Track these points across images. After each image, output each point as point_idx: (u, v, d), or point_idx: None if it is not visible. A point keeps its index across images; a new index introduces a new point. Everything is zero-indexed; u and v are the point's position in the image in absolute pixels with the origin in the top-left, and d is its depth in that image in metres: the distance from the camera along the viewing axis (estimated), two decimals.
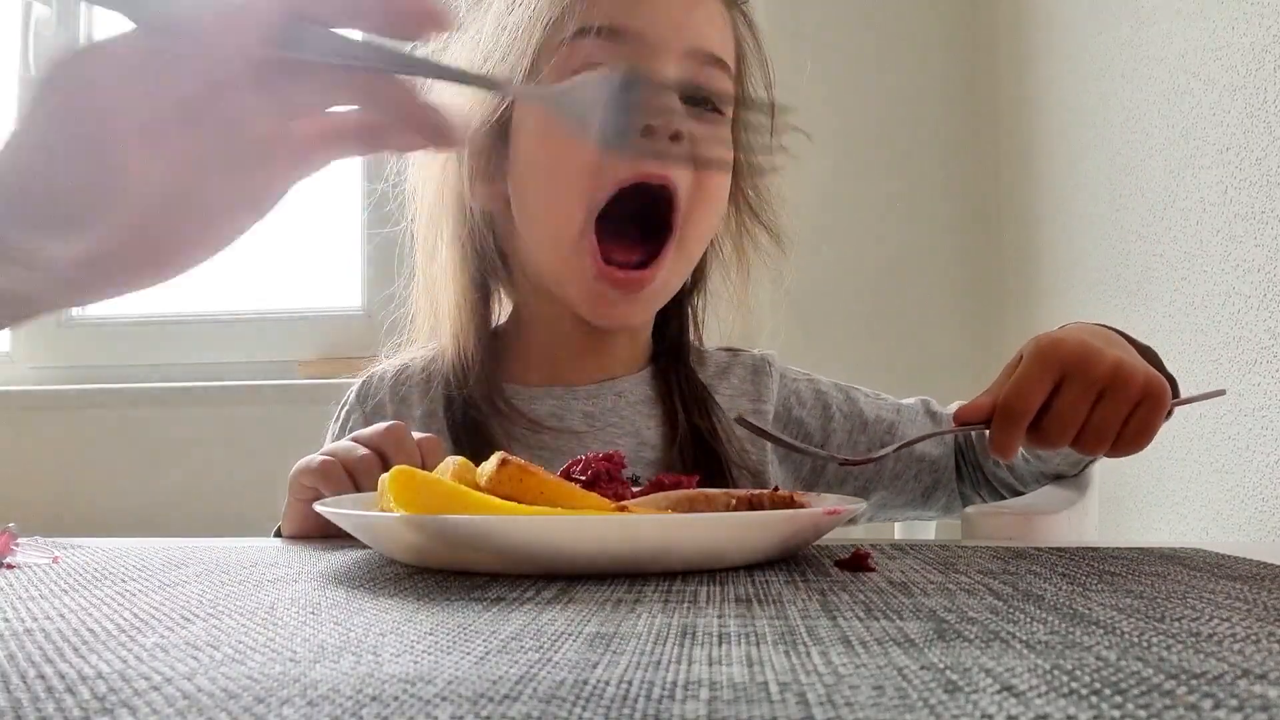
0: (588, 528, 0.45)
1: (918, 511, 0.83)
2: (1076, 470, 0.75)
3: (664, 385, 0.79)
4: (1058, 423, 0.58)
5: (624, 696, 0.24)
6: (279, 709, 0.23)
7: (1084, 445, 0.59)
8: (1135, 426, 0.58)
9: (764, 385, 0.81)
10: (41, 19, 1.65)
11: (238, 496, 1.45)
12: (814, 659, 0.28)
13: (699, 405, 0.78)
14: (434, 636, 0.32)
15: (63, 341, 1.63)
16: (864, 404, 0.82)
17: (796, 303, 0.86)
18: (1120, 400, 0.58)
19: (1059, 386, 0.58)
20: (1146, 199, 1.04)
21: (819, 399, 0.82)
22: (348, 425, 0.81)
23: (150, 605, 0.39)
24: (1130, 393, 0.58)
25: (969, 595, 0.39)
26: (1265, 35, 0.83)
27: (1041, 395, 0.58)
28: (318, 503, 0.53)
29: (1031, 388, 0.58)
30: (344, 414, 0.83)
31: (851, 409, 0.81)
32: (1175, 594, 0.39)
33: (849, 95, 1.47)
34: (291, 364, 1.57)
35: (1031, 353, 0.59)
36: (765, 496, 0.56)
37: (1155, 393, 0.58)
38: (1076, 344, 0.59)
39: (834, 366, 0.89)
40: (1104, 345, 0.60)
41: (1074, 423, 0.58)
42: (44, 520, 0.83)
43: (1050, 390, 0.58)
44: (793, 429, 0.80)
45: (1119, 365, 0.58)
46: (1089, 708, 0.23)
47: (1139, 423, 0.58)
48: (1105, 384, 0.58)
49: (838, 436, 0.80)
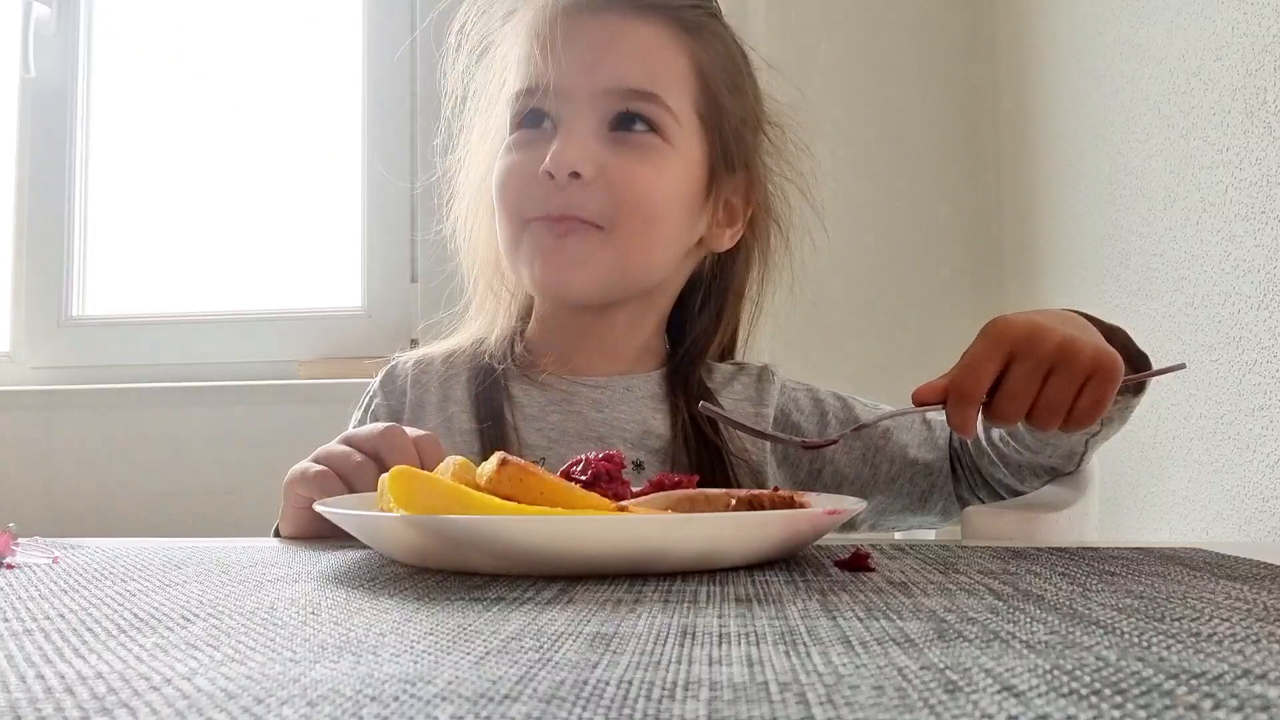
0: (588, 528, 0.45)
1: (918, 518, 0.84)
2: (1073, 465, 0.75)
3: (671, 385, 0.83)
4: (1008, 399, 0.60)
5: (624, 696, 0.24)
6: (279, 709, 0.23)
7: (1036, 421, 0.61)
8: (1086, 401, 0.60)
9: (766, 391, 0.84)
10: (41, 19, 1.65)
11: (238, 496, 1.45)
12: (814, 659, 0.28)
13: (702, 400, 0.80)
14: (434, 636, 0.32)
15: (63, 341, 1.63)
16: (859, 410, 0.84)
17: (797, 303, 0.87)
18: (1069, 375, 0.60)
19: (1010, 365, 0.60)
20: (1146, 199, 1.04)
21: (816, 405, 0.85)
22: (370, 410, 0.86)
23: (150, 605, 0.39)
24: (1078, 367, 0.60)
25: (969, 595, 0.39)
26: (1265, 35, 0.83)
27: (992, 373, 0.60)
28: (318, 503, 0.53)
29: (981, 366, 0.60)
30: (367, 400, 0.87)
31: (847, 415, 0.84)
32: (1175, 594, 0.39)
33: (848, 96, 1.47)
34: (291, 364, 1.57)
35: (982, 333, 0.62)
36: (765, 496, 0.56)
37: (1105, 366, 0.60)
38: (1025, 323, 0.61)
39: (834, 365, 0.90)
40: (1055, 324, 0.61)
41: (1024, 398, 0.60)
42: (44, 520, 0.83)
43: (1001, 368, 0.60)
44: (790, 432, 0.83)
45: (1066, 341, 0.60)
46: (1089, 708, 0.23)
47: (1089, 397, 0.60)
48: (1053, 360, 0.60)
49: None
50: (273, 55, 1.71)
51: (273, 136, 1.69)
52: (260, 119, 1.70)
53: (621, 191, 0.76)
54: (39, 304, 1.64)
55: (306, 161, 1.69)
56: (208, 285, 1.69)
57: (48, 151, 1.66)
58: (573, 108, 0.76)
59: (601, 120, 0.76)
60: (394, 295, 1.58)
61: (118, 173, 1.70)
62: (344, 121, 1.65)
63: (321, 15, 1.71)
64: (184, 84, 1.72)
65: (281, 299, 1.64)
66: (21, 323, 1.64)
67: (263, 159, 1.69)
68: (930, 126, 1.48)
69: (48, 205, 1.65)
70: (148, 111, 1.72)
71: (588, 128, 0.76)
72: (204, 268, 1.69)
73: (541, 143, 0.76)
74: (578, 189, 0.75)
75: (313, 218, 1.68)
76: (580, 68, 0.76)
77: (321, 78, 1.69)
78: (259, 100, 1.70)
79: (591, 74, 0.76)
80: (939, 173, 1.47)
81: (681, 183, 0.79)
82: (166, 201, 1.71)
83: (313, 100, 1.70)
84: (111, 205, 1.70)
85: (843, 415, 0.84)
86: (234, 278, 1.68)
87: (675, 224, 0.80)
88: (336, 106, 1.66)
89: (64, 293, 1.65)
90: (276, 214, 1.69)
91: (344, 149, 1.65)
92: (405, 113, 1.60)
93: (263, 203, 1.69)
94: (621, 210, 0.76)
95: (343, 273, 1.63)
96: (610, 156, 0.76)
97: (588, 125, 0.76)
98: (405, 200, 1.58)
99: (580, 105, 0.76)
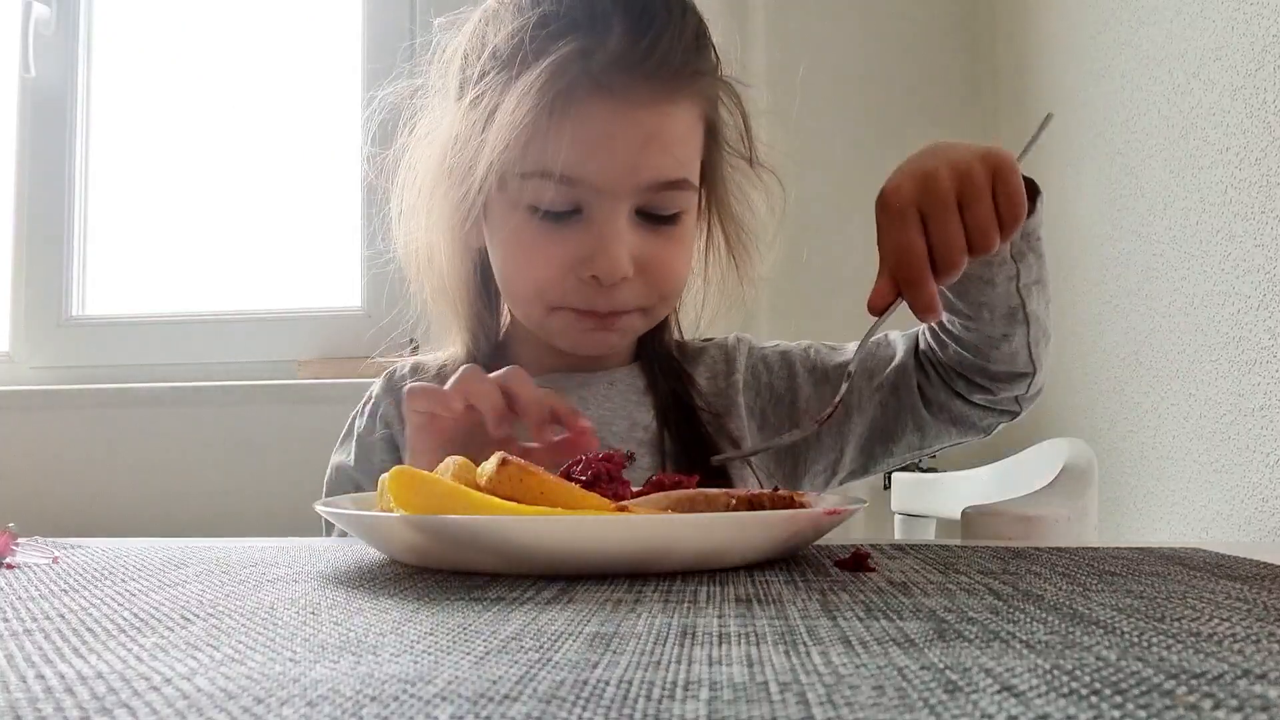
0: (588, 528, 0.45)
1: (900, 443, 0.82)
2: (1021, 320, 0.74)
3: (650, 374, 0.84)
4: (945, 249, 0.60)
5: (624, 696, 0.24)
6: (279, 709, 0.23)
7: (977, 249, 0.61)
8: (1004, 203, 0.61)
9: (733, 359, 0.85)
10: (41, 19, 1.65)
11: (238, 496, 1.45)
12: (814, 659, 0.28)
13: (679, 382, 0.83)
14: (434, 636, 0.32)
15: (63, 341, 1.63)
16: (825, 355, 0.85)
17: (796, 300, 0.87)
18: (978, 192, 0.60)
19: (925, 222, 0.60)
20: (1146, 199, 1.04)
21: (784, 360, 0.86)
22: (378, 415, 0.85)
23: (150, 605, 0.39)
24: (980, 180, 0.60)
25: (969, 595, 0.39)
26: (1265, 35, 0.83)
27: (918, 236, 0.60)
28: (317, 504, 0.53)
29: (908, 238, 0.60)
30: (371, 405, 0.87)
31: (813, 362, 0.85)
32: (1175, 594, 0.39)
33: (848, 96, 1.47)
34: (291, 364, 1.57)
35: (882, 211, 0.62)
36: (765, 496, 0.56)
37: (995, 162, 0.61)
38: (911, 178, 0.61)
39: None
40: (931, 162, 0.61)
41: (958, 239, 0.60)
42: (44, 520, 0.83)
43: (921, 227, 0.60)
44: (765, 394, 0.84)
45: (954, 166, 0.60)
46: (1089, 708, 0.23)
47: (1005, 198, 0.61)
48: (957, 190, 0.60)
49: (804, 391, 0.84)
50: (272, 55, 1.72)
51: (272, 136, 1.69)
52: (260, 119, 1.70)
53: (659, 282, 0.77)
54: (39, 304, 1.64)
55: (306, 161, 1.69)
56: (208, 285, 1.69)
57: (48, 151, 1.66)
58: (609, 205, 0.73)
59: (632, 210, 0.75)
60: (394, 295, 1.58)
61: (117, 173, 1.70)
62: (344, 121, 1.65)
63: (321, 15, 1.71)
64: (184, 84, 1.72)
65: (281, 299, 1.64)
66: (21, 323, 1.64)
67: (262, 159, 1.69)
68: (930, 126, 1.48)
69: (48, 205, 1.65)
70: (147, 111, 1.72)
71: (624, 224, 0.74)
72: (204, 267, 1.69)
73: (573, 231, 0.74)
74: (622, 286, 0.75)
75: (313, 218, 1.68)
76: (620, 166, 0.72)
77: (321, 78, 1.69)
78: (258, 100, 1.70)
79: (631, 174, 0.73)
80: None
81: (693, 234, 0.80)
82: (166, 201, 1.71)
83: (312, 100, 1.70)
84: (111, 205, 1.70)
85: (808, 365, 0.84)
86: (234, 278, 1.68)
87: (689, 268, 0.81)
88: (336, 106, 1.66)
89: (64, 293, 1.65)
90: (276, 214, 1.69)
91: (344, 149, 1.65)
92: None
93: (263, 203, 1.69)
94: (661, 294, 0.78)
95: (343, 273, 1.63)
96: (644, 248, 0.75)
97: (624, 221, 0.74)
98: None
99: (617, 202, 0.73)
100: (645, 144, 0.73)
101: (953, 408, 0.80)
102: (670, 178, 0.74)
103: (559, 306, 0.76)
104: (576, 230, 0.74)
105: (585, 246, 0.73)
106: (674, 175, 0.74)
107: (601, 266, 0.73)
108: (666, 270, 0.77)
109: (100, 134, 1.70)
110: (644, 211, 0.75)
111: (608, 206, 0.73)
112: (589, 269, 0.73)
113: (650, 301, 0.77)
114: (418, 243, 0.83)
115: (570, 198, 0.73)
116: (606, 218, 0.73)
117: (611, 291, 0.75)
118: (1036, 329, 0.75)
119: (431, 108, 0.82)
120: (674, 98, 0.74)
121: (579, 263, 0.74)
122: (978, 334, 0.75)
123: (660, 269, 0.76)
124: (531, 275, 0.76)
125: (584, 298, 0.75)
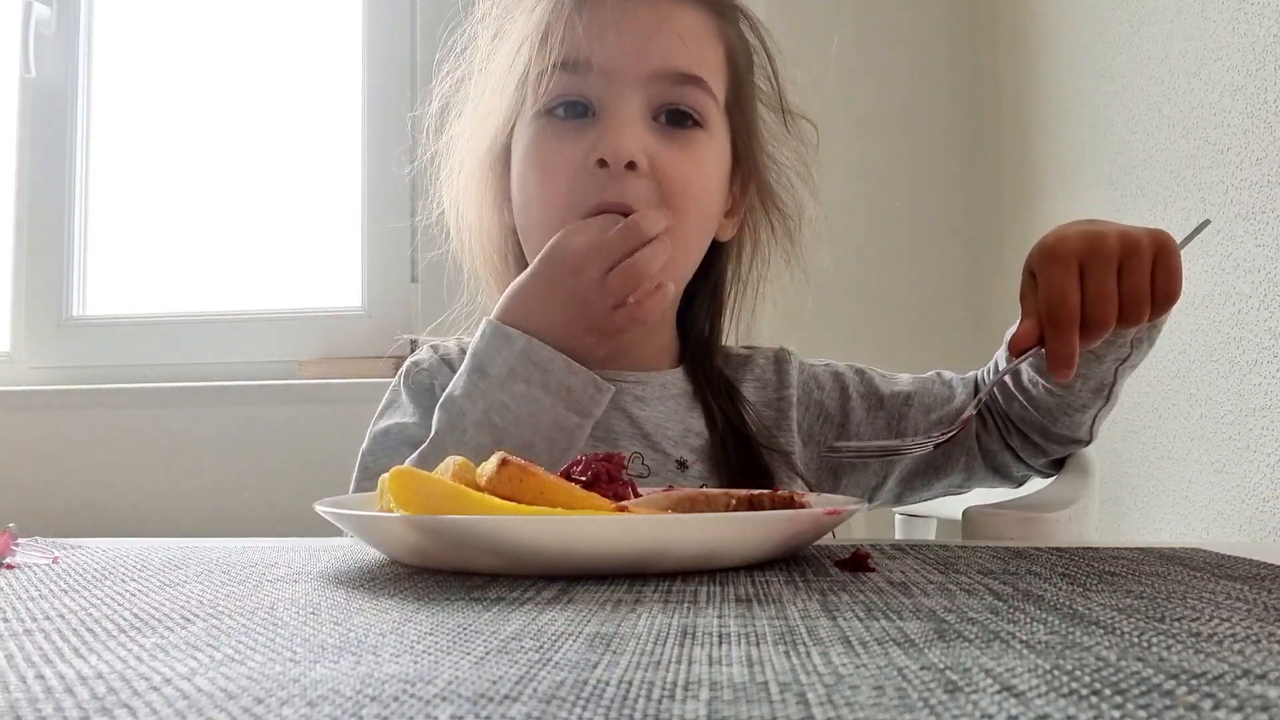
0: (588, 528, 0.45)
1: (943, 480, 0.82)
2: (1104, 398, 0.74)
3: (695, 381, 0.82)
4: (1097, 308, 0.60)
5: (624, 696, 0.24)
6: (279, 709, 0.23)
7: (1127, 318, 0.61)
8: (1162, 279, 0.61)
9: (785, 373, 0.84)
10: (41, 19, 1.65)
11: (238, 496, 1.45)
12: (814, 659, 0.28)
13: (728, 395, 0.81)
14: (434, 636, 0.32)
15: (63, 341, 1.63)
16: (879, 382, 0.84)
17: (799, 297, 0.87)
18: (1140, 263, 0.61)
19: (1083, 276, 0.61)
20: (1146, 199, 1.04)
21: (836, 381, 0.84)
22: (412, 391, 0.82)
23: (150, 605, 0.39)
24: (1144, 252, 0.61)
25: (969, 595, 0.39)
26: (1265, 35, 0.83)
27: (1075, 290, 0.60)
28: (317, 504, 0.53)
29: (1065, 286, 0.60)
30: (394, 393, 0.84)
31: (868, 388, 0.84)
32: (1175, 594, 0.39)
33: (848, 98, 1.46)
34: (291, 364, 1.57)
35: (1042, 260, 0.62)
36: (765, 496, 0.56)
37: (1163, 241, 0.62)
38: (1078, 233, 0.62)
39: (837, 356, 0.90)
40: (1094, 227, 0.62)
41: (1111, 301, 0.60)
42: (44, 520, 0.83)
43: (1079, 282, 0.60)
44: (814, 410, 0.83)
45: (1123, 234, 0.61)
46: (1089, 708, 0.23)
47: (1164, 274, 0.61)
48: (1121, 255, 0.61)
49: (856, 414, 0.83)
50: (273, 55, 1.71)
51: (272, 136, 1.69)
52: (260, 119, 1.70)
53: (671, 185, 0.74)
54: (39, 304, 1.64)
55: (306, 161, 1.69)
56: (208, 285, 1.69)
57: (48, 151, 1.66)
58: (619, 91, 0.73)
59: (647, 106, 0.74)
60: (394, 295, 1.58)
61: (118, 173, 1.70)
62: (344, 121, 1.65)
63: (321, 15, 1.71)
64: (184, 84, 1.72)
65: (281, 299, 1.64)
66: (21, 323, 1.64)
67: (262, 159, 1.69)
68: (930, 126, 1.48)
69: (48, 205, 1.65)
70: (148, 111, 1.72)
71: (636, 114, 0.74)
72: (204, 268, 1.69)
73: (584, 129, 0.74)
74: (631, 179, 0.73)
75: (313, 218, 1.68)
76: (630, 50, 0.73)
77: (321, 78, 1.69)
78: (259, 100, 1.70)
79: (640, 58, 0.73)
80: (939, 172, 1.47)
81: (716, 171, 0.79)
82: (167, 201, 1.71)
83: (312, 100, 1.70)
84: (111, 205, 1.70)
85: (863, 389, 0.83)
86: (234, 278, 1.68)
87: (710, 214, 0.79)
88: (336, 106, 1.66)
89: (64, 293, 1.65)
90: (276, 214, 1.69)
91: (344, 149, 1.65)
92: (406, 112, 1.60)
93: (262, 203, 1.69)
94: (671, 203, 0.74)
95: (343, 273, 1.63)
96: (659, 148, 0.74)
97: (636, 111, 0.74)
98: (405, 200, 1.58)
99: (627, 89, 0.73)
100: (654, 29, 0.74)
101: (1000, 459, 0.80)
102: (681, 68, 0.74)
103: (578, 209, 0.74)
104: (588, 126, 0.74)
105: (594, 138, 0.73)
106: (685, 67, 0.75)
107: (607, 146, 0.72)
108: (681, 174, 0.75)
109: (100, 134, 1.70)
110: (659, 117, 0.75)
111: (617, 94, 0.73)
112: (596, 153, 0.72)
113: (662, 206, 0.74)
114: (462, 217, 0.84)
115: (580, 88, 0.74)
116: (616, 105, 0.73)
117: (621, 182, 0.72)
118: (1108, 409, 0.75)
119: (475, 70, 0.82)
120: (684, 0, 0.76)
121: (587, 153, 0.73)
122: (1059, 401, 0.74)
123: (675, 171, 0.74)
124: (544, 178, 0.75)
125: (595, 189, 0.73)
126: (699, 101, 0.75)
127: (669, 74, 0.74)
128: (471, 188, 0.82)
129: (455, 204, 0.84)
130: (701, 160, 0.77)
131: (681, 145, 0.75)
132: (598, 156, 0.72)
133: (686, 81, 0.75)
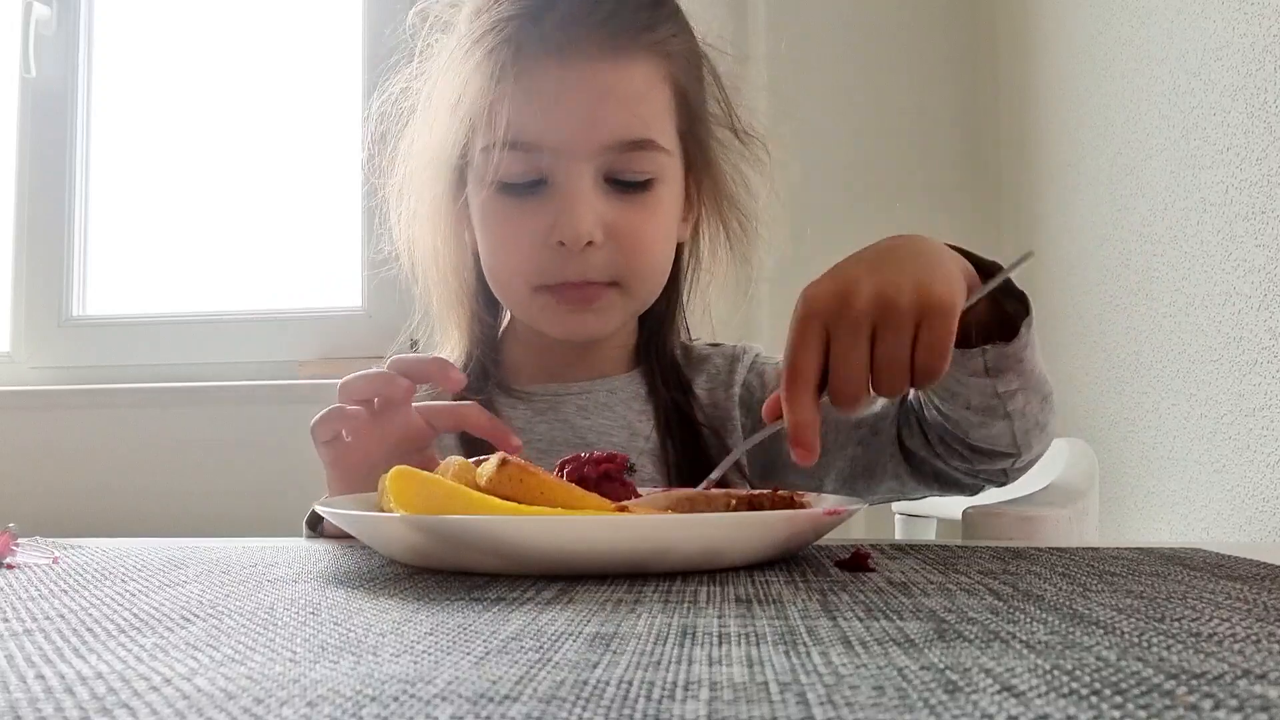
0: (588, 528, 0.45)
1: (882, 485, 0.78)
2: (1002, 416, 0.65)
3: (650, 382, 0.82)
4: (840, 381, 0.52)
5: (624, 696, 0.24)
6: (278, 709, 0.23)
7: (883, 389, 0.53)
8: (924, 352, 0.52)
9: (734, 370, 0.83)
10: (41, 19, 1.65)
11: (238, 496, 1.45)
12: (814, 659, 0.28)
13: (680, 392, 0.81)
14: (434, 636, 0.32)
15: (63, 341, 1.63)
16: None
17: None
18: (895, 330, 0.52)
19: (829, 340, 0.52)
20: (1147, 199, 1.04)
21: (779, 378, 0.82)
22: None
23: (150, 605, 0.39)
24: (901, 317, 0.52)
25: (969, 595, 0.39)
26: (1266, 35, 0.83)
27: (814, 357, 0.52)
28: (317, 503, 0.53)
29: (799, 355, 0.52)
30: None
31: None
32: (1175, 594, 0.39)
33: (849, 98, 1.46)
34: (291, 364, 1.57)
35: (794, 313, 0.54)
36: (765, 496, 0.56)
37: (934, 306, 0.52)
38: (830, 287, 0.53)
39: None
40: (866, 272, 0.53)
41: (857, 373, 0.52)
42: (44, 520, 0.83)
43: (823, 345, 0.52)
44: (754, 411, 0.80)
45: (879, 292, 0.52)
46: (1089, 708, 0.23)
47: (925, 347, 0.52)
48: (873, 317, 0.52)
49: None
50: (273, 55, 1.72)
51: (273, 137, 1.69)
52: (260, 119, 1.70)
53: (631, 252, 0.74)
54: (39, 304, 1.64)
55: (306, 161, 1.69)
56: (208, 285, 1.69)
57: (48, 151, 1.66)
58: (570, 167, 0.72)
59: (598, 174, 0.73)
60: (394, 295, 1.58)
61: (118, 173, 1.70)
62: (344, 121, 1.65)
63: (321, 15, 1.71)
64: (184, 84, 1.72)
65: (281, 299, 1.64)
66: (21, 323, 1.64)
67: (263, 159, 1.69)
68: (930, 126, 1.48)
69: (48, 205, 1.65)
70: (148, 111, 1.72)
71: (589, 187, 0.73)
72: (204, 268, 1.69)
73: (542, 203, 0.73)
74: (590, 253, 0.73)
75: (313, 218, 1.68)
76: (578, 127, 0.72)
77: (321, 78, 1.69)
78: (259, 100, 1.70)
79: (589, 135, 0.72)
80: (940, 172, 1.47)
81: (673, 210, 0.78)
82: (167, 201, 1.71)
83: (312, 100, 1.70)
84: (111, 205, 1.70)
85: None
86: (234, 278, 1.68)
87: (668, 247, 0.79)
88: (336, 106, 1.66)
89: (64, 293, 1.65)
90: (277, 214, 1.69)
91: (344, 149, 1.65)
92: None
93: (263, 203, 1.69)
94: (633, 267, 0.75)
95: (343, 273, 1.63)
96: (614, 215, 0.73)
97: (588, 184, 0.73)
98: None
99: (579, 164, 0.72)
100: (600, 100, 0.72)
101: (933, 465, 0.74)
102: (632, 136, 0.73)
103: (538, 286, 0.75)
104: (543, 200, 0.73)
105: (551, 214, 0.72)
106: (636, 134, 0.73)
107: (565, 229, 0.71)
108: (637, 238, 0.74)
109: (101, 134, 1.70)
110: (612, 179, 0.74)
111: (569, 169, 0.72)
112: (555, 235, 0.72)
113: (623, 274, 0.75)
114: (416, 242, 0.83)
115: (532, 166, 0.73)
116: (569, 181, 0.72)
117: (581, 260, 0.73)
118: (1023, 423, 0.66)
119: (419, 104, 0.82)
120: (629, 53, 0.73)
121: (547, 231, 0.73)
122: (954, 413, 0.67)
123: (630, 237, 0.74)
124: (505, 252, 0.76)
125: (556, 268, 0.73)
126: (651, 165, 0.75)
127: (618, 144, 0.73)
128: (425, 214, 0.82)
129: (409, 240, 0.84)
130: (657, 212, 0.76)
131: (637, 207, 0.75)
132: (557, 239, 0.72)
133: (637, 147, 0.73)
